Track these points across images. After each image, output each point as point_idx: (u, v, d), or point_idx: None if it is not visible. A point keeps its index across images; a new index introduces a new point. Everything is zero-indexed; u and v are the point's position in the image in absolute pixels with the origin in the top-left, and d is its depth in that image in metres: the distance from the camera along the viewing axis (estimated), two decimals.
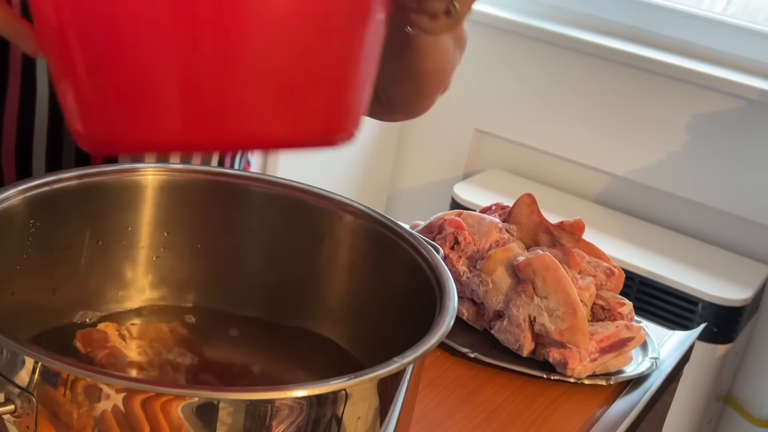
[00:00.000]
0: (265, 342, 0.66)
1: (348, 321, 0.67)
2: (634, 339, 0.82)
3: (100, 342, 0.60)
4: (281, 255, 0.68)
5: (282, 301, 0.68)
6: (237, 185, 0.67)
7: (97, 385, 0.45)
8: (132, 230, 0.66)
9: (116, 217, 0.65)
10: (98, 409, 0.45)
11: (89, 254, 0.64)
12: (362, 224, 0.66)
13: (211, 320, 0.67)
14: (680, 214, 2.07)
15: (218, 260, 0.68)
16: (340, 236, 0.67)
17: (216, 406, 0.46)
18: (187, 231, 0.67)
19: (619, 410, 0.78)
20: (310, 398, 0.47)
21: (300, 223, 0.67)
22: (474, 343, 0.82)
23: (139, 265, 0.67)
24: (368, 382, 0.49)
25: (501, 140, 2.26)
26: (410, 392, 0.54)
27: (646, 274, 1.84)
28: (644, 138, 2.06)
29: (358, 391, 0.49)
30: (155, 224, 0.67)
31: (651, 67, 2.00)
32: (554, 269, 0.80)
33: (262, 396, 0.46)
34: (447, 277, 0.59)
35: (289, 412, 0.47)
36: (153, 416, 0.45)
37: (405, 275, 0.63)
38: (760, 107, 1.91)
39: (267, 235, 0.68)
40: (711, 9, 2.07)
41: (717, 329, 1.81)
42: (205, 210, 0.67)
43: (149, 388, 0.45)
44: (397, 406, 0.52)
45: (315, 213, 0.67)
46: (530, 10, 2.21)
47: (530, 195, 0.89)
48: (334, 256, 0.68)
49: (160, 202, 0.66)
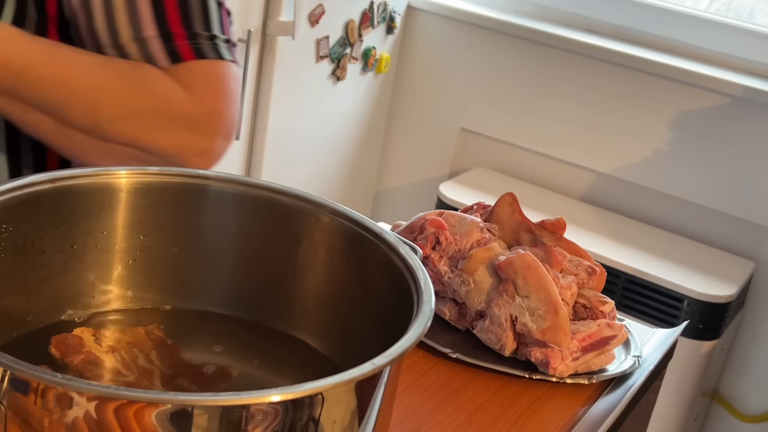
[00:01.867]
0: (242, 345, 0.66)
1: (325, 323, 0.66)
2: (616, 337, 0.81)
3: (75, 347, 0.59)
4: (258, 257, 0.68)
5: (260, 304, 0.68)
6: (212, 187, 0.67)
7: (68, 393, 0.44)
8: (107, 234, 0.65)
9: (91, 221, 0.64)
10: (70, 416, 0.44)
11: (64, 259, 0.64)
12: (340, 225, 0.65)
13: (188, 323, 0.66)
14: (665, 211, 2.07)
15: (195, 263, 0.68)
16: (317, 237, 0.66)
17: (190, 412, 0.45)
18: (163, 234, 0.67)
19: (601, 409, 0.78)
20: (285, 403, 0.47)
21: (277, 225, 0.67)
22: (456, 343, 0.82)
23: (115, 269, 0.66)
24: (344, 385, 0.49)
25: (487, 139, 2.26)
26: (387, 394, 0.53)
27: (631, 271, 1.84)
28: (629, 135, 2.06)
29: (334, 395, 0.49)
30: (130, 227, 0.66)
31: (636, 65, 2.00)
32: (535, 268, 0.79)
33: (236, 401, 0.46)
34: (424, 279, 0.58)
35: (264, 417, 0.46)
36: (126, 423, 0.44)
37: (382, 277, 0.62)
38: (744, 104, 1.92)
39: (244, 237, 0.68)
40: (695, 7, 2.08)
41: (703, 326, 1.82)
42: (181, 212, 0.67)
43: (120, 395, 0.44)
44: (374, 409, 0.52)
45: (292, 214, 0.66)
46: (515, 8, 2.21)
47: (511, 194, 0.89)
48: (311, 258, 0.67)
49: (135, 205, 0.65)
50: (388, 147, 2.39)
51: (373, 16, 2.11)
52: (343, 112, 2.16)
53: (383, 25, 2.16)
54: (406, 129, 2.36)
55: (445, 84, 2.26)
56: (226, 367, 0.63)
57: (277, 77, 1.90)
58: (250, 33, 1.80)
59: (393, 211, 2.41)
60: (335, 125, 2.15)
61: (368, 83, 2.20)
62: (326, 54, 2.01)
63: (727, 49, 2.00)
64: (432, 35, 2.25)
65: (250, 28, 1.80)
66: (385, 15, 2.15)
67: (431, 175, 2.34)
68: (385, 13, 2.15)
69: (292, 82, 1.95)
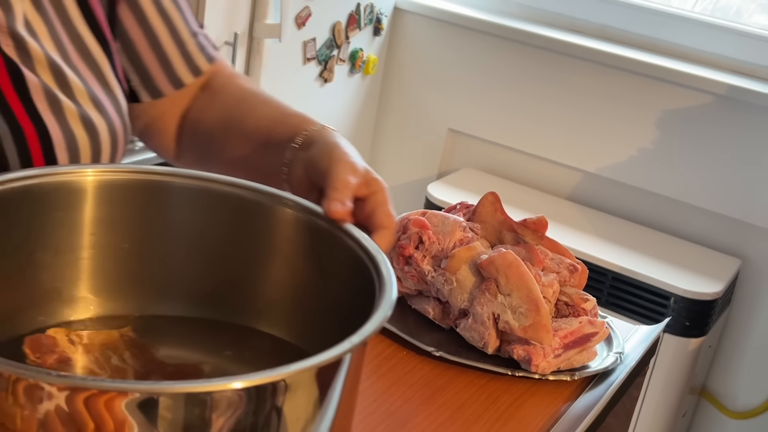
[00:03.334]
0: (214, 342, 0.66)
1: (291, 315, 0.67)
2: (597, 334, 0.82)
3: (49, 347, 0.59)
4: (222, 252, 0.68)
5: (227, 301, 0.68)
6: (176, 184, 0.67)
7: (39, 385, 0.45)
8: (66, 234, 0.65)
9: (47, 222, 0.64)
10: (41, 410, 0.45)
11: (22, 262, 0.63)
12: (301, 218, 0.66)
13: (159, 327, 0.67)
14: (651, 210, 2.09)
15: (161, 262, 0.68)
16: (278, 230, 0.67)
17: (156, 400, 0.46)
18: (127, 233, 0.67)
19: (583, 405, 0.79)
20: (249, 389, 0.47)
21: (240, 220, 0.67)
22: (440, 342, 0.83)
23: (77, 270, 0.66)
24: (307, 371, 0.50)
25: (475, 140, 2.27)
26: (350, 380, 0.54)
27: (618, 269, 1.85)
28: (615, 135, 2.07)
29: (298, 381, 0.49)
30: (91, 227, 0.65)
31: (621, 65, 2.01)
32: (516, 267, 0.80)
33: (200, 389, 0.47)
34: (386, 267, 0.59)
35: (228, 404, 0.47)
36: (97, 414, 0.45)
37: (344, 266, 0.63)
38: (728, 102, 1.93)
39: (209, 233, 0.68)
40: (681, 6, 2.09)
41: (690, 323, 1.83)
42: (142, 210, 0.67)
43: (91, 384, 0.45)
44: (336, 395, 0.52)
45: (255, 209, 0.67)
46: (502, 9, 2.22)
47: (494, 193, 0.90)
48: (273, 251, 0.67)
49: (97, 204, 0.65)
50: (377, 148, 2.40)
51: (360, 17, 2.11)
52: (330, 114, 2.16)
53: (370, 27, 2.17)
54: (394, 130, 2.36)
55: (433, 85, 2.27)
56: (198, 364, 0.63)
57: (264, 80, 1.91)
58: (236, 36, 1.80)
59: None
60: None
61: (356, 85, 2.20)
62: (313, 56, 2.01)
63: (712, 48, 2.02)
64: (419, 36, 2.26)
65: (236, 31, 1.81)
66: (372, 17, 2.16)
67: (419, 175, 2.35)
68: (372, 14, 2.16)
69: (279, 84, 1.96)
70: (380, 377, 0.77)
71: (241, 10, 1.82)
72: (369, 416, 0.72)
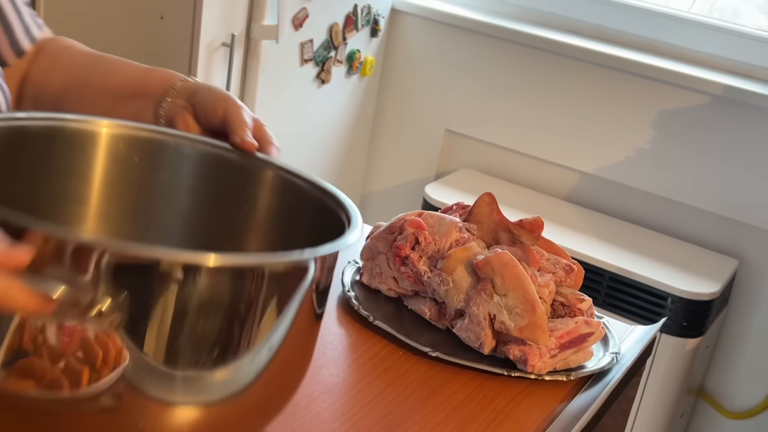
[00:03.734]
0: None
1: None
2: (593, 334, 0.82)
3: None
4: (210, 212, 0.74)
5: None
6: (171, 142, 0.73)
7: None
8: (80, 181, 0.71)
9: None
10: None
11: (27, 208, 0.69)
12: (280, 176, 0.73)
13: None
14: (648, 210, 2.09)
15: (153, 218, 0.74)
16: (254, 190, 0.74)
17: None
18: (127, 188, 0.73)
19: (579, 405, 0.79)
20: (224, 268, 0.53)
21: (226, 180, 0.74)
22: (437, 342, 0.83)
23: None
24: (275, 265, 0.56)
25: (472, 140, 2.27)
26: (309, 295, 0.59)
27: (615, 270, 1.85)
28: (612, 135, 2.08)
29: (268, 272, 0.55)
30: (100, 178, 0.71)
31: (617, 65, 2.02)
32: (512, 267, 0.80)
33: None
34: (353, 209, 0.68)
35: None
36: None
37: (314, 214, 0.70)
38: (725, 103, 1.94)
39: (200, 192, 0.74)
40: (678, 6, 2.10)
41: (687, 323, 1.83)
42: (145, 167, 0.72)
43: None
44: (297, 302, 0.57)
45: (240, 170, 0.73)
46: (498, 10, 2.23)
47: (490, 194, 0.90)
48: (258, 212, 0.73)
49: (110, 154, 0.72)
50: (374, 149, 2.40)
51: (357, 19, 2.11)
52: (328, 115, 2.16)
53: (367, 28, 2.17)
54: (391, 131, 2.37)
55: (430, 86, 2.27)
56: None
57: (261, 81, 1.91)
58: (233, 37, 1.81)
59: (379, 212, 2.42)
60: (321, 128, 2.16)
61: (353, 86, 2.21)
62: (311, 57, 2.02)
63: (709, 49, 2.02)
64: (416, 38, 2.26)
65: (233, 32, 1.81)
66: (369, 18, 2.16)
67: (417, 176, 2.35)
68: (369, 15, 2.16)
69: (276, 85, 1.96)
70: (376, 378, 0.77)
71: (238, 12, 1.83)
72: (365, 417, 0.72)
